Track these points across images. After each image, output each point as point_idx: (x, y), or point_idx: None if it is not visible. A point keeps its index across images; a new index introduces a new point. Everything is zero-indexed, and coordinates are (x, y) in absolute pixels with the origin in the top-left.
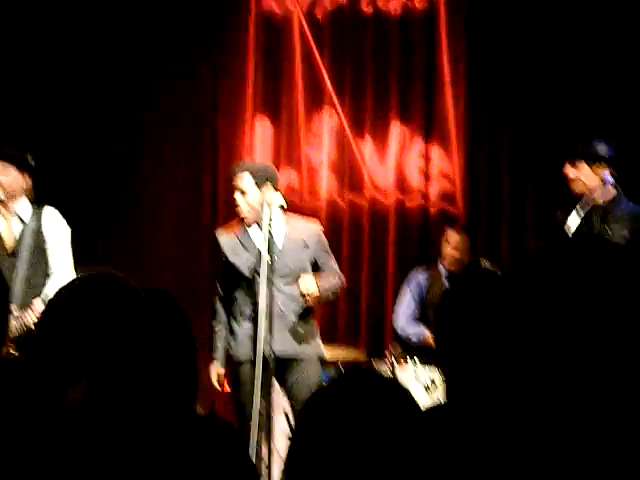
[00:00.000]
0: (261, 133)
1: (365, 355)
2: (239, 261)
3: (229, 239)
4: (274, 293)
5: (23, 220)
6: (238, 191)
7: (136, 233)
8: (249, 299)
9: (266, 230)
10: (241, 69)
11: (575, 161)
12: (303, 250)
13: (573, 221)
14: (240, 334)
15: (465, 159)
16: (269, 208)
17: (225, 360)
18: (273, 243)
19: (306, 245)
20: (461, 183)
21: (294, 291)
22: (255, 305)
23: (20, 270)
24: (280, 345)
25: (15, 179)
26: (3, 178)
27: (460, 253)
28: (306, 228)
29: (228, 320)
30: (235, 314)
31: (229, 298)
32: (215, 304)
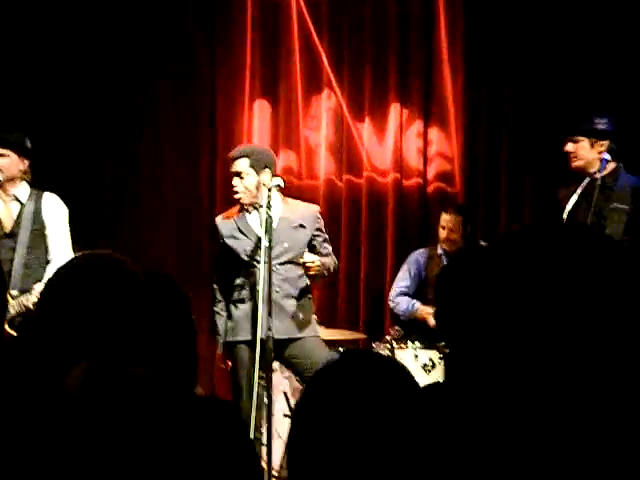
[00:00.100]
0: (260, 115)
1: (365, 337)
2: (237, 245)
3: (227, 224)
4: (272, 274)
5: (21, 202)
6: (236, 175)
7: (135, 218)
8: (247, 282)
9: (264, 213)
10: (239, 52)
11: (576, 137)
12: (299, 230)
13: (571, 200)
14: (237, 316)
15: (464, 139)
16: (268, 191)
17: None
18: (271, 226)
19: (302, 226)
20: (459, 163)
21: (289, 272)
22: (252, 288)
23: (19, 253)
24: (277, 327)
25: (14, 163)
26: (2, 161)
27: (450, 233)
28: (303, 210)
29: (229, 302)
30: (233, 297)
31: (228, 282)
32: (214, 288)
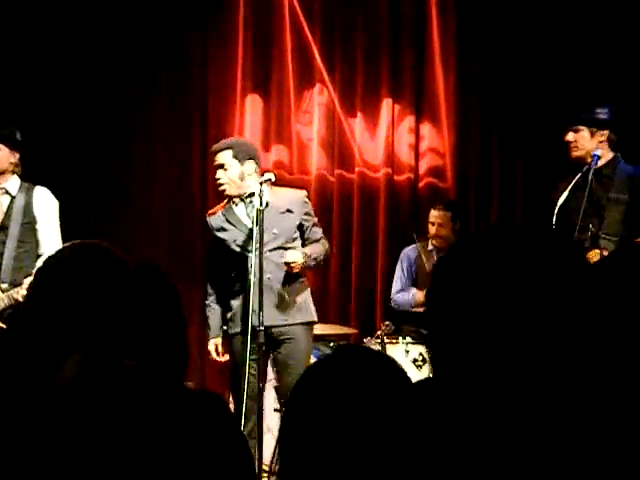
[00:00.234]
0: (251, 110)
1: (356, 332)
2: (227, 236)
3: (216, 218)
4: (263, 262)
5: (11, 195)
6: (219, 168)
7: (126, 216)
8: (239, 273)
9: (256, 204)
10: (231, 47)
11: (577, 127)
12: (287, 216)
13: (564, 194)
14: (232, 308)
15: (455, 134)
16: (259, 185)
17: (220, 331)
18: (262, 220)
19: (290, 211)
20: (451, 158)
21: (280, 258)
22: (244, 278)
23: (9, 246)
24: (269, 316)
25: (5, 156)
26: None
27: (439, 229)
28: (290, 195)
29: (222, 296)
30: (229, 289)
31: (221, 275)
32: (207, 283)
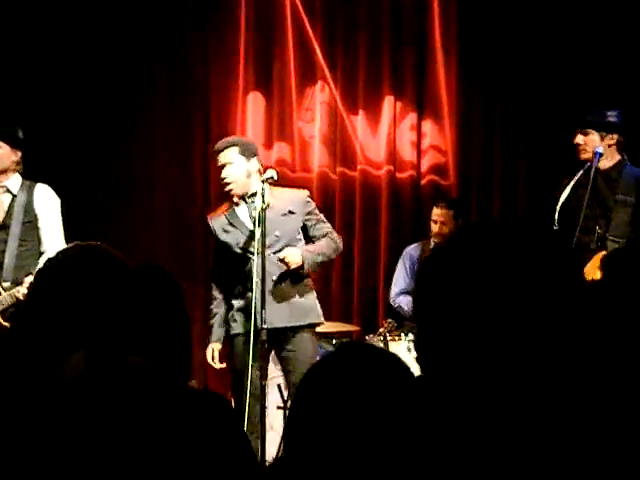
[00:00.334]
0: (253, 108)
1: (358, 329)
2: (229, 238)
3: (218, 220)
4: (266, 264)
5: (13, 193)
6: (225, 166)
7: (128, 212)
8: (242, 274)
9: (259, 205)
10: (233, 45)
11: (586, 130)
12: (289, 217)
13: (565, 191)
14: (235, 309)
15: (457, 132)
16: (261, 184)
17: (220, 337)
18: (264, 219)
19: (292, 212)
20: (453, 156)
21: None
22: (247, 279)
23: (10, 244)
24: (273, 316)
25: (6, 154)
26: None
27: (441, 227)
28: (291, 196)
29: (226, 297)
30: (232, 291)
31: (225, 277)
32: (212, 288)
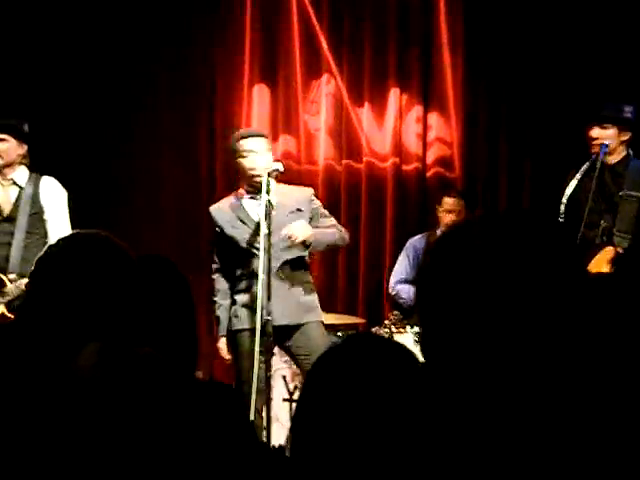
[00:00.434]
0: (259, 100)
1: (364, 321)
2: (236, 233)
3: (225, 213)
4: (273, 260)
5: (20, 185)
6: (257, 153)
7: (134, 211)
8: (247, 270)
9: (264, 198)
10: (238, 36)
11: (605, 124)
12: (297, 215)
13: (571, 184)
14: (240, 305)
15: (463, 124)
16: (267, 176)
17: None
18: (270, 213)
19: (299, 210)
20: (459, 148)
21: (293, 257)
22: (253, 275)
23: (17, 237)
24: (279, 313)
25: (13, 147)
26: (1, 146)
27: (455, 216)
28: (297, 194)
29: (230, 292)
30: (235, 287)
31: (228, 271)
32: (214, 279)
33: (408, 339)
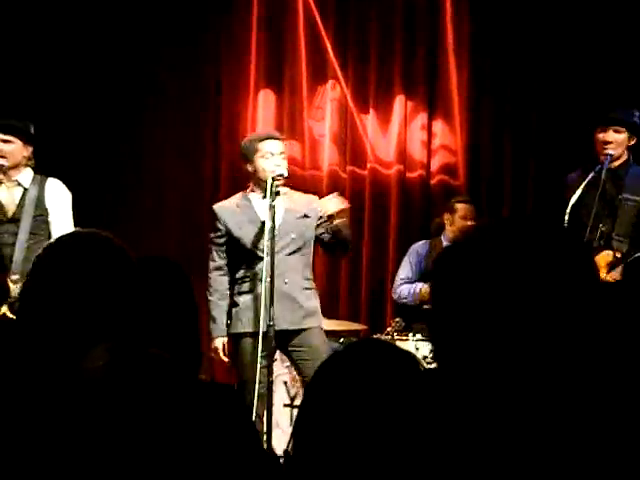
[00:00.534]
0: (264, 105)
1: (366, 328)
2: (242, 234)
3: (231, 212)
4: (278, 264)
5: (24, 187)
6: (281, 154)
7: (138, 212)
8: (251, 272)
9: (270, 202)
10: (244, 42)
11: (619, 128)
12: (305, 220)
13: (578, 192)
14: (242, 308)
15: (468, 132)
16: (272, 181)
17: (225, 331)
18: (274, 217)
19: (307, 216)
20: (463, 156)
21: (297, 262)
22: (256, 277)
23: (21, 238)
24: (282, 318)
25: (18, 149)
26: (7, 148)
27: (471, 221)
28: (304, 201)
29: (230, 293)
30: (237, 289)
31: (228, 271)
32: (211, 277)
33: (410, 346)
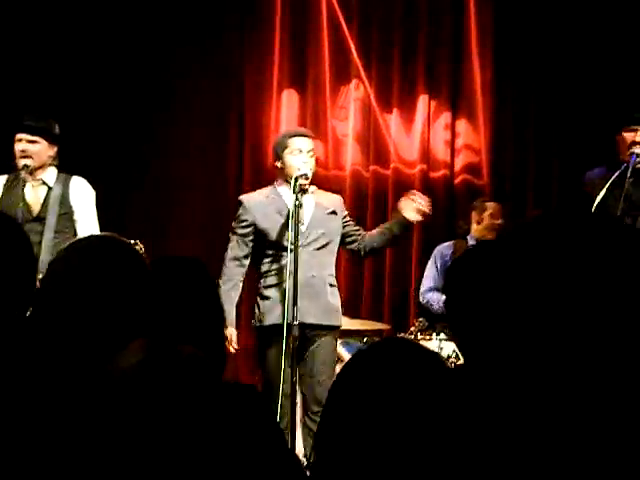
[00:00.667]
0: (288, 105)
1: (389, 328)
2: (269, 225)
3: (259, 203)
4: (306, 258)
5: (49, 185)
6: (309, 152)
7: (163, 212)
8: (277, 265)
9: (296, 200)
10: (268, 42)
11: None
12: (332, 217)
13: (602, 191)
14: (269, 301)
15: (491, 131)
16: (295, 180)
17: (234, 320)
18: (298, 214)
19: (334, 212)
20: (487, 155)
21: (325, 257)
22: (282, 271)
23: (46, 236)
24: (307, 312)
25: (44, 149)
26: (32, 148)
27: (501, 220)
28: (331, 198)
29: (240, 285)
30: (262, 279)
31: (254, 263)
32: (226, 266)
33: (433, 346)
